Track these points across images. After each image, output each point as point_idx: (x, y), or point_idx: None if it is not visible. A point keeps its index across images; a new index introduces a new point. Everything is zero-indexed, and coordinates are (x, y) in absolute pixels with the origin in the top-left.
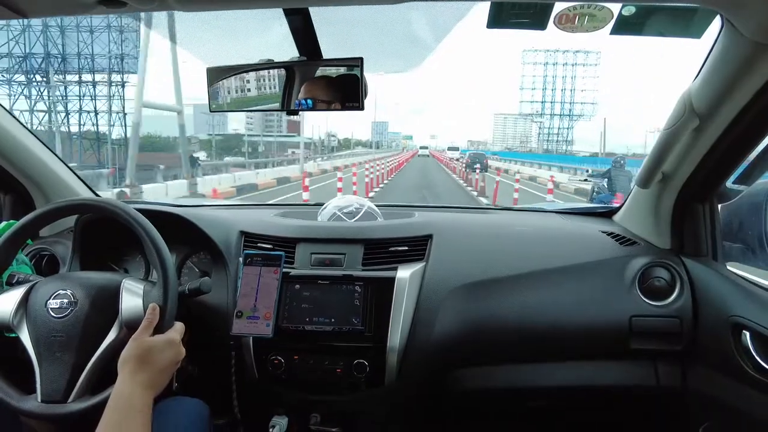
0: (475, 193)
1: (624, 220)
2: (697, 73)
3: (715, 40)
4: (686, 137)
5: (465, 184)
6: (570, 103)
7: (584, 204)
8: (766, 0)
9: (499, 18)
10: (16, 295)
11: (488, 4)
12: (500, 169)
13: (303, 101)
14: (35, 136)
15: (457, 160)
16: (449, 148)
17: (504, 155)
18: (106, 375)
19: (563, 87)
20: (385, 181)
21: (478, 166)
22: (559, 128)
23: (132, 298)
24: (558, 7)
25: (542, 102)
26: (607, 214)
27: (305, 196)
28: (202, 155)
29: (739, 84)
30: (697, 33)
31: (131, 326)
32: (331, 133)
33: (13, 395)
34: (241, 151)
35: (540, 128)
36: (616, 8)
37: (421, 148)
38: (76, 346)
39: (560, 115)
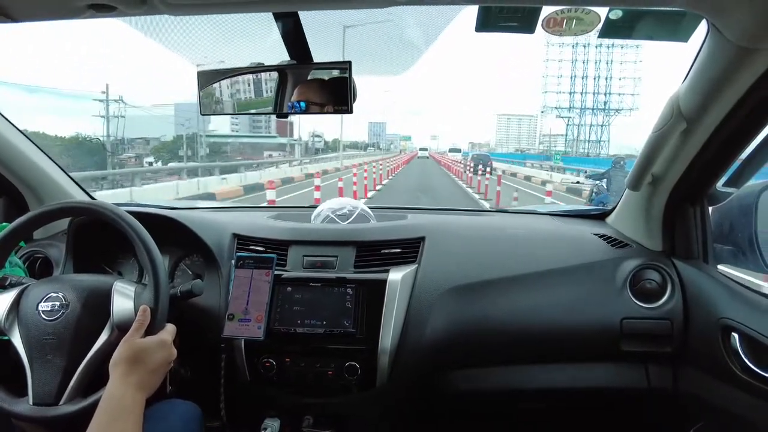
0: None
1: (616, 223)
2: (685, 77)
3: (702, 44)
4: (675, 140)
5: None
6: (606, 94)
7: (579, 206)
8: (749, 5)
9: (487, 22)
10: (7, 298)
11: (476, 7)
12: None
13: (296, 104)
14: (29, 138)
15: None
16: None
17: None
18: (97, 377)
19: (596, 74)
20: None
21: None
22: (591, 125)
23: (123, 300)
24: (546, 11)
25: (570, 93)
26: (600, 216)
27: None
28: (151, 159)
29: (725, 87)
30: (684, 37)
31: (123, 328)
32: (316, 133)
33: (4, 398)
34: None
35: (568, 125)
36: (603, 12)
37: (421, 150)
38: (67, 349)
39: (593, 109)
